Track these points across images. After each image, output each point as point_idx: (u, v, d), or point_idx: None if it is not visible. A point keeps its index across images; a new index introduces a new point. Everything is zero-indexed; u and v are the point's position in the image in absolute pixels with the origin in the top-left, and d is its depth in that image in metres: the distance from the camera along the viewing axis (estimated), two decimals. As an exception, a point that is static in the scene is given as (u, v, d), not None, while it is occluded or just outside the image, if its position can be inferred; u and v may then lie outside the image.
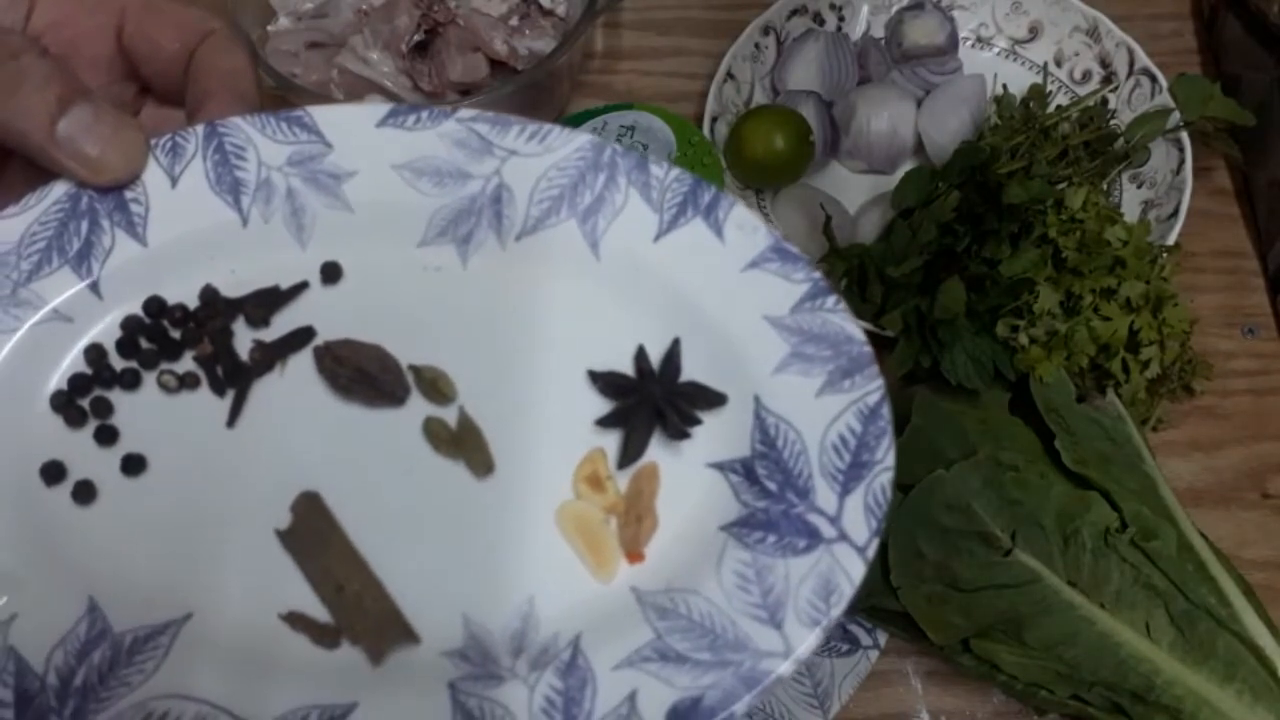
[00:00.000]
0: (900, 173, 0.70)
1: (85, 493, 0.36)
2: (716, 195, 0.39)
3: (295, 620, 0.34)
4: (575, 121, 0.71)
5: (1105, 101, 0.75)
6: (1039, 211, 0.62)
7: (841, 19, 0.80)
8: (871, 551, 0.34)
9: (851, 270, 0.66)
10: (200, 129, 0.39)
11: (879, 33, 0.80)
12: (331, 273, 0.40)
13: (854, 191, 0.75)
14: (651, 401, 0.38)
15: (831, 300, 0.38)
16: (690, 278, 0.39)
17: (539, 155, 0.40)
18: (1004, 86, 0.76)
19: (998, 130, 0.73)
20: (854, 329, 0.37)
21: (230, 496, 0.36)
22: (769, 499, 0.35)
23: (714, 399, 0.38)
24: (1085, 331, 0.59)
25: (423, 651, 0.34)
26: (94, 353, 0.38)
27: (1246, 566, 0.57)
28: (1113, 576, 0.54)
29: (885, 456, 0.35)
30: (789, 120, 0.72)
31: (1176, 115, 0.72)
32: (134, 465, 0.37)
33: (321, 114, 0.40)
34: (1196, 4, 0.85)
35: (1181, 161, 0.71)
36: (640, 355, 0.39)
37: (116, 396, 0.38)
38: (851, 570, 0.33)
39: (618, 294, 0.39)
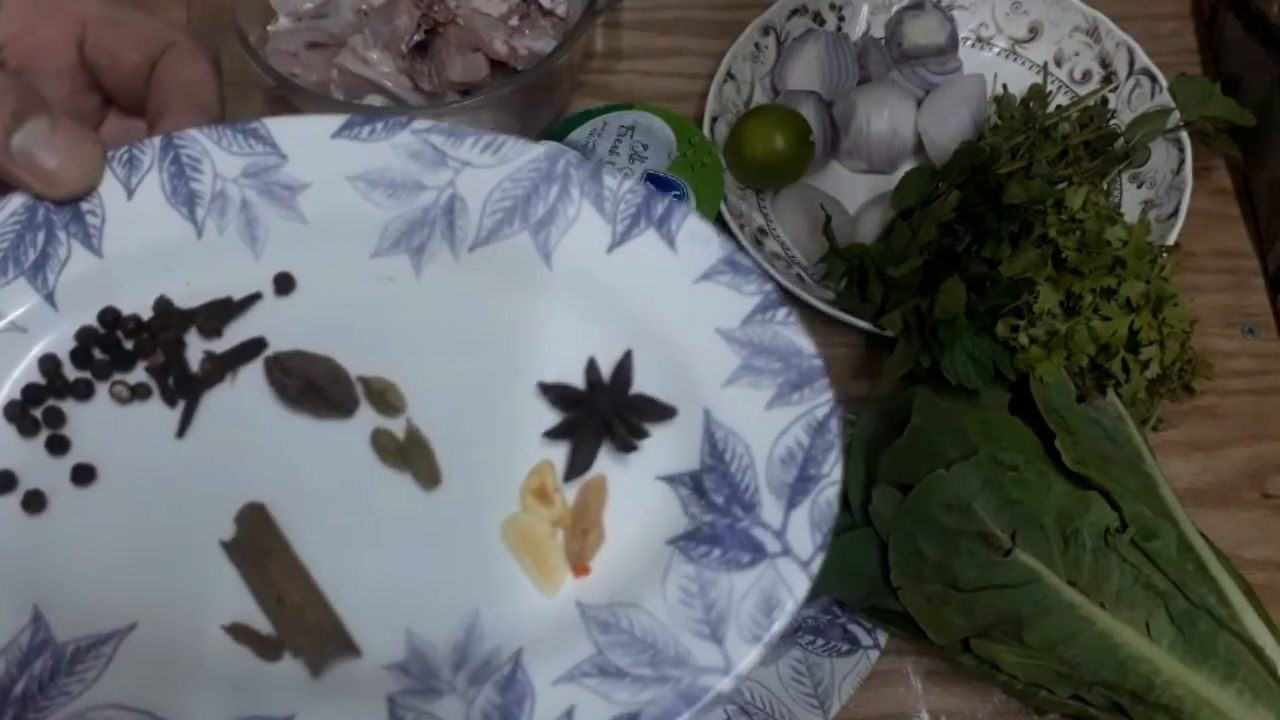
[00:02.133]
0: (900, 173, 0.70)
1: (35, 502, 0.36)
2: (670, 206, 0.39)
3: (238, 632, 0.34)
4: (575, 122, 0.71)
5: (1105, 101, 0.75)
6: (1039, 211, 0.62)
7: (841, 19, 0.80)
8: (815, 566, 0.34)
9: (851, 270, 0.66)
10: (157, 141, 0.39)
11: (879, 33, 0.80)
12: (284, 284, 0.40)
13: (854, 191, 0.75)
14: (600, 414, 0.37)
15: (783, 313, 0.38)
16: (643, 289, 0.39)
17: (493, 166, 0.40)
18: (1004, 86, 0.76)
19: (998, 130, 0.73)
20: (804, 342, 0.37)
21: (178, 507, 0.36)
22: (716, 513, 0.35)
23: (663, 411, 0.37)
24: (1085, 331, 0.59)
25: (364, 664, 0.34)
26: (48, 363, 0.38)
27: (1246, 566, 0.57)
28: (1113, 576, 0.54)
29: (832, 470, 0.35)
30: (789, 120, 0.72)
31: (1176, 115, 0.72)
32: (84, 475, 0.37)
33: (277, 126, 0.40)
34: (1196, 4, 0.85)
35: (1181, 161, 0.71)
36: (591, 367, 0.38)
37: (69, 406, 0.38)
38: (795, 585, 0.33)
39: (570, 305, 0.39)
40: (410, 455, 0.37)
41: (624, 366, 0.38)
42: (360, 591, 0.35)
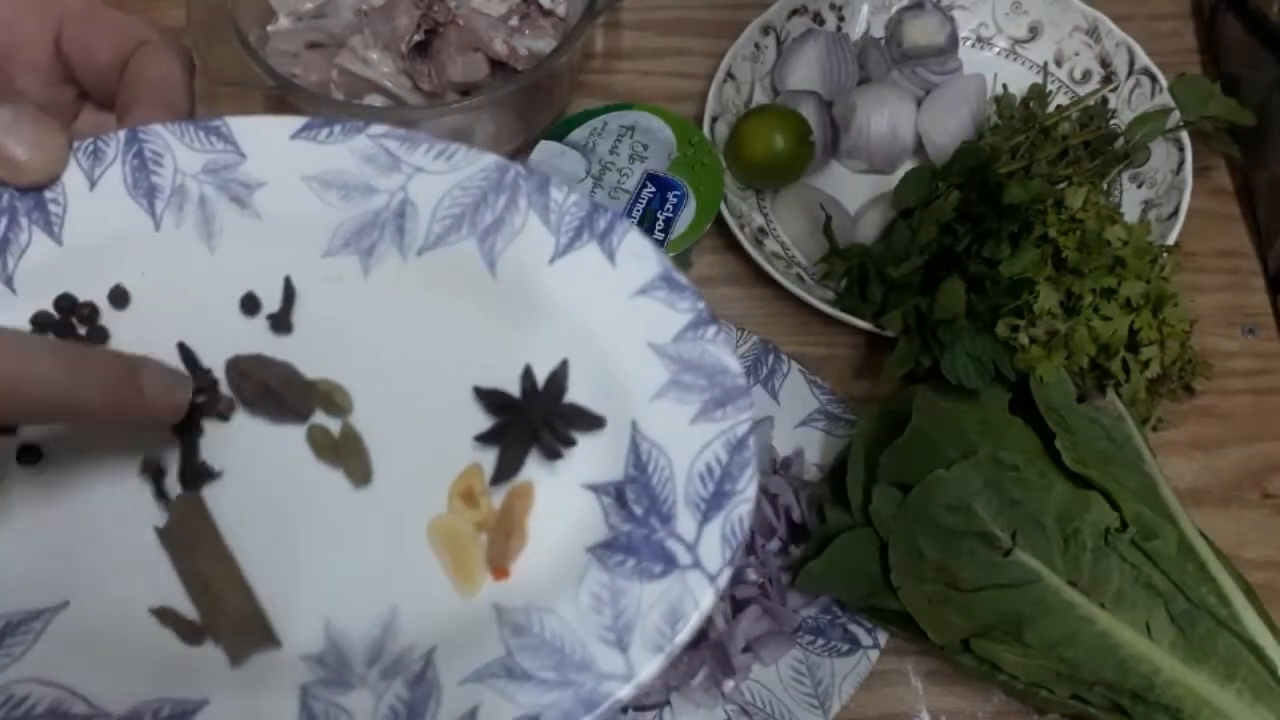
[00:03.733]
0: (900, 173, 0.70)
1: None
2: (612, 221, 0.40)
3: (164, 615, 0.35)
4: (575, 122, 0.71)
5: (1105, 101, 0.75)
6: (1039, 211, 0.62)
7: (841, 19, 0.80)
8: (723, 581, 0.34)
9: (851, 270, 0.66)
10: (122, 134, 0.40)
11: (879, 33, 0.80)
12: (250, 304, 0.40)
13: (854, 191, 0.75)
14: (529, 420, 0.38)
15: (712, 331, 0.38)
16: (581, 301, 0.40)
17: (445, 173, 0.41)
18: (1004, 86, 0.76)
19: (998, 130, 0.73)
20: (730, 360, 0.38)
21: (117, 491, 0.37)
22: (634, 523, 0.36)
23: (593, 421, 0.38)
24: (1085, 331, 0.59)
25: (282, 654, 0.35)
26: None
27: (1246, 566, 0.57)
28: (1113, 576, 0.54)
29: (746, 488, 0.35)
30: (789, 120, 0.72)
31: (1176, 115, 0.72)
32: (29, 454, 0.37)
33: (238, 124, 0.41)
34: (1196, 4, 0.85)
35: (1181, 161, 0.71)
36: (527, 374, 0.39)
37: None
38: (701, 598, 0.34)
39: (511, 313, 0.40)
40: (343, 452, 0.38)
41: (558, 375, 0.39)
42: (283, 582, 0.36)
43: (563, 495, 0.37)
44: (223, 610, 0.35)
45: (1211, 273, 0.73)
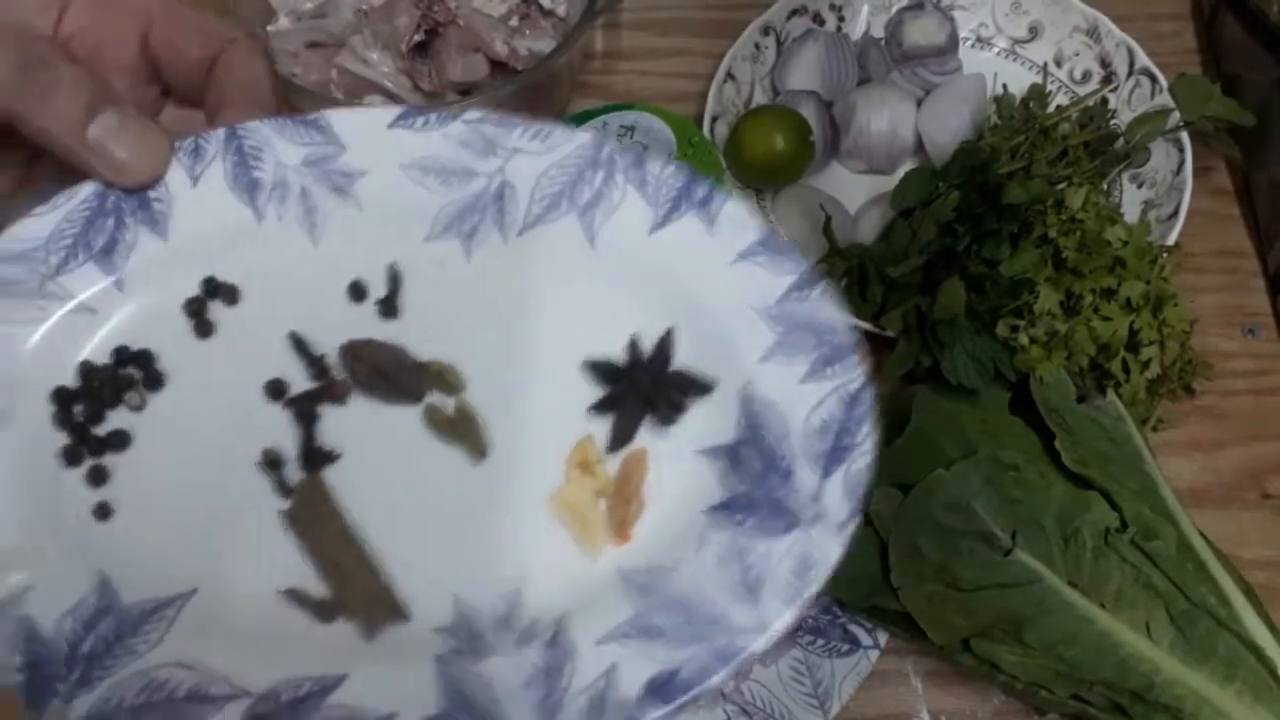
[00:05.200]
0: (900, 173, 0.70)
1: (99, 475, 0.37)
2: (710, 190, 0.41)
3: (294, 596, 0.36)
4: (575, 122, 0.71)
5: (1105, 101, 0.75)
6: (1039, 211, 0.62)
7: (841, 19, 0.80)
8: (849, 532, 0.35)
9: (851, 270, 0.66)
10: (221, 132, 0.41)
11: (879, 33, 0.80)
12: (357, 291, 0.41)
13: (854, 191, 0.75)
14: (641, 389, 0.39)
15: (817, 290, 0.39)
16: (683, 269, 0.40)
17: (541, 154, 0.42)
18: (1004, 86, 0.76)
19: (998, 130, 0.73)
20: (838, 318, 0.39)
21: (238, 479, 0.38)
22: (752, 482, 0.36)
23: (702, 386, 0.39)
24: (1085, 331, 0.59)
25: (413, 627, 0.35)
26: (116, 349, 0.40)
27: (1246, 566, 0.57)
28: (1113, 576, 0.54)
29: (865, 440, 0.36)
30: (789, 120, 0.72)
31: (1176, 115, 0.72)
32: (119, 440, 0.38)
33: (336, 117, 0.42)
34: (1196, 4, 0.85)
35: (1181, 161, 0.71)
36: (633, 344, 0.40)
37: (135, 385, 0.39)
38: (829, 549, 0.34)
39: (614, 285, 0.41)
40: (459, 429, 0.39)
41: (665, 343, 0.40)
42: (409, 559, 0.36)
43: (676, 460, 0.38)
44: (353, 587, 0.36)
45: (1211, 273, 0.73)
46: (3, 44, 0.35)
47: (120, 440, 0.38)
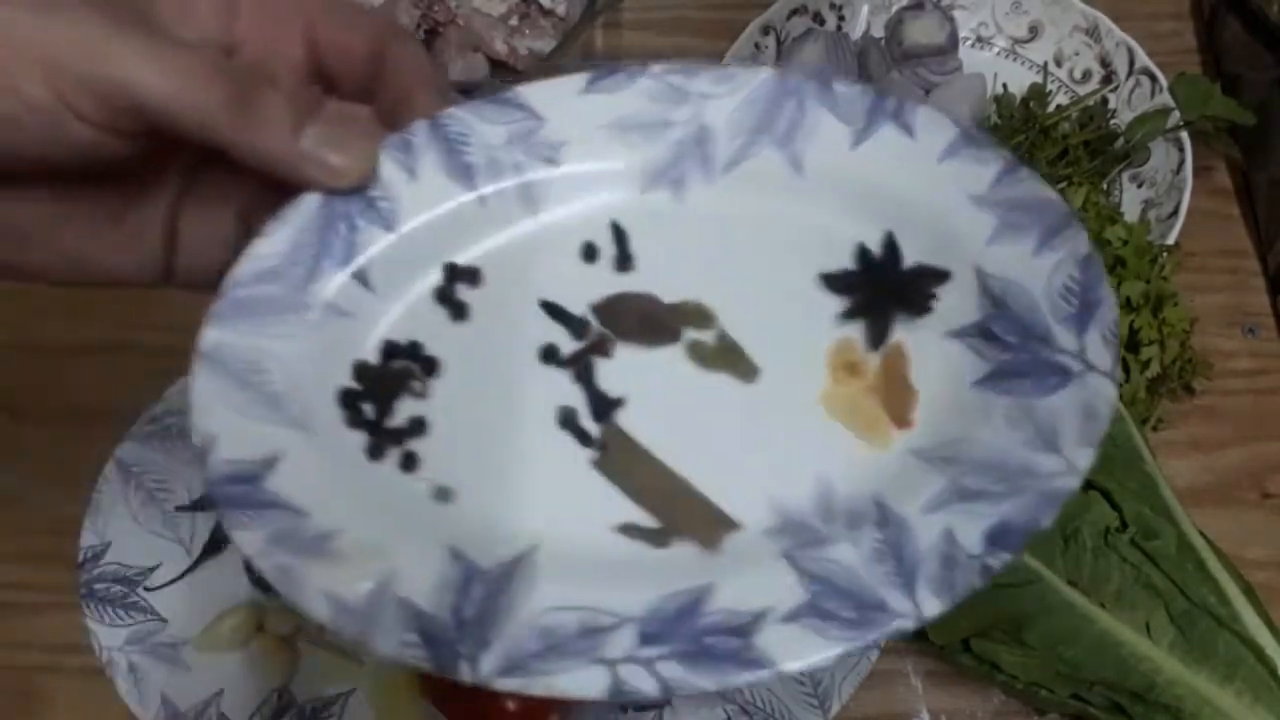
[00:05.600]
0: (900, 172, 0.70)
1: (410, 462, 0.39)
2: (900, 102, 0.42)
3: (629, 530, 0.38)
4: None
5: (1105, 101, 0.75)
6: (1039, 211, 0.62)
7: (841, 19, 0.80)
8: (1117, 375, 0.37)
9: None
10: (424, 124, 0.42)
11: (879, 32, 0.80)
12: (589, 252, 0.43)
13: (854, 191, 0.75)
14: (885, 288, 0.41)
15: (1025, 172, 0.41)
16: (891, 176, 0.42)
17: (729, 94, 0.43)
18: (1004, 86, 0.76)
19: (998, 130, 0.73)
20: (1050, 193, 0.40)
21: (542, 438, 0.40)
22: (1013, 351, 0.38)
23: (939, 276, 0.41)
24: (1085, 331, 0.59)
25: (746, 535, 0.37)
26: (384, 345, 0.41)
27: (1246, 566, 0.57)
28: (1113, 576, 0.54)
29: (1107, 295, 0.38)
30: (789, 120, 0.72)
31: (1176, 115, 0.72)
32: (418, 426, 0.40)
33: (528, 92, 0.44)
34: (1196, 4, 0.85)
35: (1181, 161, 0.71)
36: (863, 251, 0.42)
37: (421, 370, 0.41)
38: (1106, 393, 0.36)
39: (826, 203, 0.42)
40: (725, 358, 0.41)
41: (891, 245, 0.42)
42: (716, 478, 0.38)
43: (930, 345, 0.40)
44: (681, 511, 0.38)
45: (1211, 273, 0.73)
46: (210, 79, 0.36)
47: (418, 427, 0.39)
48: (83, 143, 0.36)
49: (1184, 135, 0.71)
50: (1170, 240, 0.67)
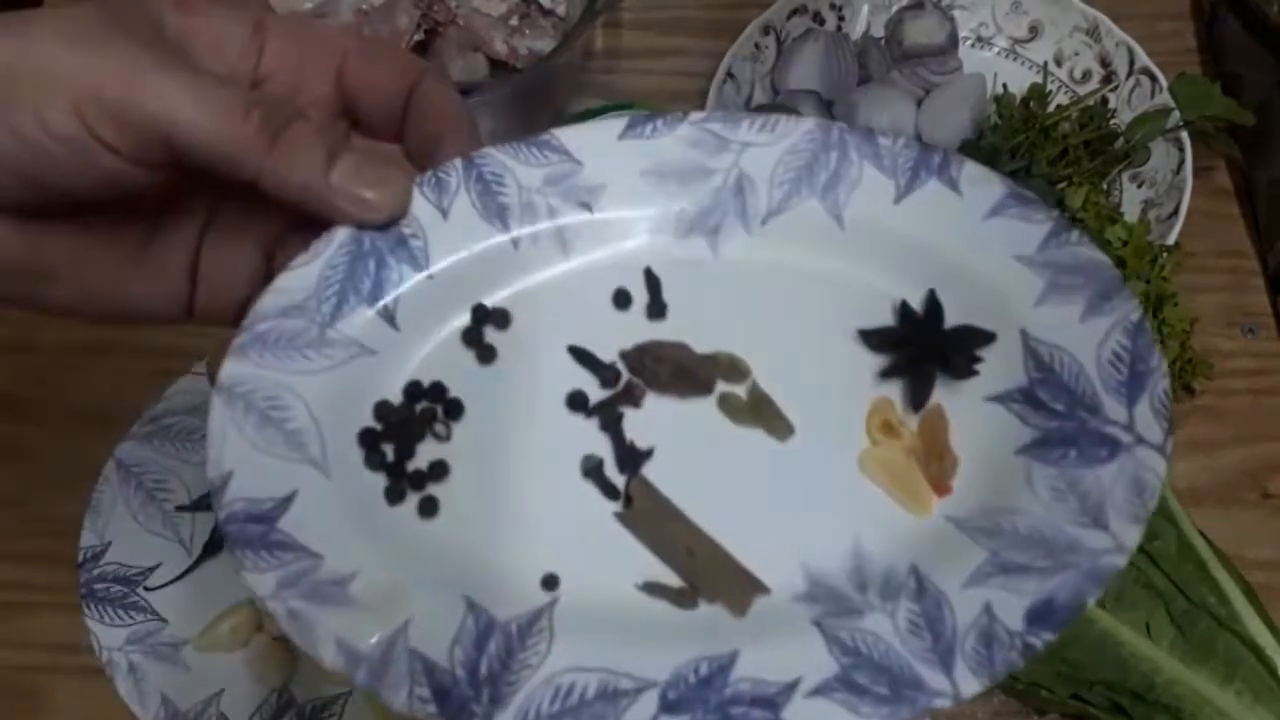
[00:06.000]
0: (900, 172, 0.70)
1: (429, 507, 0.38)
2: (945, 156, 0.42)
3: (653, 589, 0.36)
4: (575, 122, 0.71)
5: (1105, 101, 0.75)
6: (1039, 211, 0.62)
7: (841, 19, 0.80)
8: (1169, 450, 0.36)
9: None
10: (459, 163, 0.42)
11: (879, 32, 0.80)
12: (621, 298, 0.42)
13: (854, 191, 0.75)
14: (930, 348, 0.40)
15: (1075, 235, 0.40)
16: (935, 233, 0.41)
17: (772, 144, 0.43)
18: (1004, 86, 0.76)
19: (998, 130, 0.73)
20: (1101, 257, 0.40)
21: (566, 488, 0.39)
22: (1060, 419, 0.38)
23: (983, 338, 0.40)
24: (1085, 331, 0.59)
25: (775, 600, 0.36)
26: (408, 386, 0.40)
27: (1246, 566, 0.57)
28: (1113, 576, 0.54)
29: (1159, 364, 0.37)
30: (789, 120, 0.72)
31: (1176, 115, 0.72)
32: (439, 467, 0.39)
33: (566, 135, 0.43)
34: (1196, 4, 0.85)
35: (1181, 161, 0.71)
36: (904, 309, 0.41)
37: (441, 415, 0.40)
38: (1156, 467, 0.36)
39: (868, 259, 0.42)
40: (760, 413, 0.40)
41: (933, 304, 0.41)
42: (746, 539, 0.37)
43: (971, 410, 0.39)
44: (706, 572, 0.37)
45: (1211, 273, 0.73)
46: (242, 110, 0.36)
47: (439, 470, 0.38)
48: (110, 174, 0.36)
49: (1184, 135, 0.71)
50: (1170, 240, 0.67)
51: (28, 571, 0.64)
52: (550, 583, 0.36)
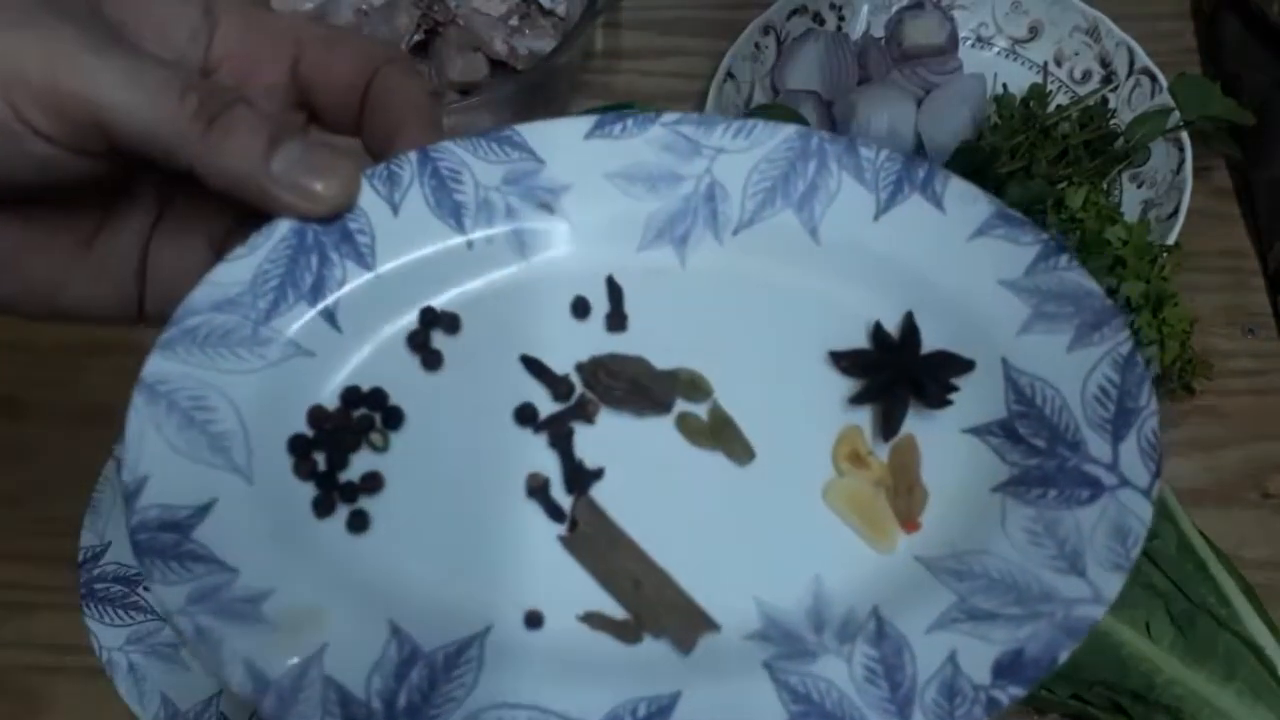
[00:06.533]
0: (900, 173, 0.70)
1: (359, 522, 0.36)
2: (930, 170, 0.40)
3: (594, 620, 0.34)
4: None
5: (1105, 101, 0.75)
6: (1039, 211, 0.62)
7: (841, 19, 0.80)
8: (1155, 494, 0.34)
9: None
10: (413, 156, 0.39)
11: (879, 32, 0.80)
12: (580, 307, 0.40)
13: (854, 191, 0.75)
14: (905, 374, 0.38)
15: (1065, 259, 0.38)
16: (916, 251, 0.39)
17: (747, 150, 0.41)
18: (1004, 86, 0.76)
19: (998, 130, 0.73)
20: (1092, 284, 0.37)
21: (508, 508, 0.36)
22: (1040, 456, 0.36)
23: (961, 366, 0.38)
24: (1085, 331, 0.59)
25: (726, 637, 0.34)
26: (345, 391, 0.38)
27: (1246, 566, 0.57)
28: (1113, 576, 0.54)
29: (1150, 402, 0.35)
30: (789, 120, 0.71)
31: (1176, 115, 0.72)
32: (371, 481, 0.37)
33: (529, 131, 0.41)
34: (1196, 4, 0.85)
35: (1181, 161, 0.71)
36: (877, 330, 0.39)
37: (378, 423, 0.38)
38: (1141, 513, 0.34)
39: (843, 275, 0.40)
40: (720, 435, 0.38)
41: (909, 327, 0.39)
42: (698, 570, 0.35)
43: (946, 442, 0.37)
44: (652, 605, 0.34)
45: (1211, 273, 0.73)
46: (176, 93, 0.34)
47: (373, 483, 0.36)
48: (43, 162, 0.34)
49: (1184, 135, 0.71)
50: (1170, 240, 0.67)
51: (28, 571, 0.64)
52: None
